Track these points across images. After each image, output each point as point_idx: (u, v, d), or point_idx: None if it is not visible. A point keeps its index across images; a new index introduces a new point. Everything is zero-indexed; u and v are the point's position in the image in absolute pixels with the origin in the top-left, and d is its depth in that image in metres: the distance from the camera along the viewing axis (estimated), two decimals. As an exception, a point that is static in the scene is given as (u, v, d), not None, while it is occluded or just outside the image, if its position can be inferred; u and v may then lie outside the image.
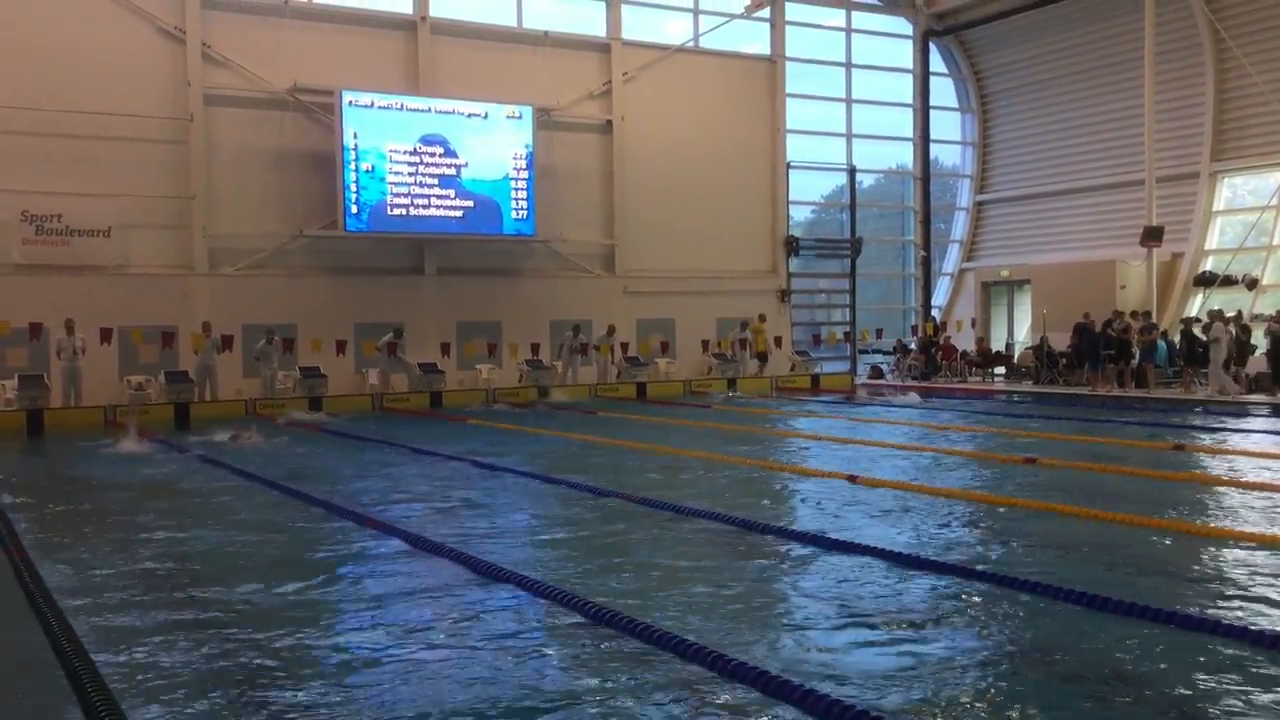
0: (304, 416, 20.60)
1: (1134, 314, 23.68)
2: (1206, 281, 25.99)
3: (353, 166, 22.78)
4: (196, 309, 21.78)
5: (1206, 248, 26.58)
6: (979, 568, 7.57)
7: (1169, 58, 26.08)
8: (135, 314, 21.14)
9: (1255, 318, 23.10)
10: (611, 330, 25.27)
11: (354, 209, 22.83)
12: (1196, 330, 22.56)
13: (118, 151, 21.28)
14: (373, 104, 23.01)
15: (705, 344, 26.89)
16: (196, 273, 22.18)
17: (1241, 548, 8.15)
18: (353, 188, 22.78)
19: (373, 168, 23.00)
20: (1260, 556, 7.85)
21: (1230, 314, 21.99)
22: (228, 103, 22.42)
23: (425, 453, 14.79)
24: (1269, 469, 12.16)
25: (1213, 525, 9.06)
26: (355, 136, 22.76)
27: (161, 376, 21.16)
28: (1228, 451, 13.94)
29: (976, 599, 6.93)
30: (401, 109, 23.34)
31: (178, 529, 9.67)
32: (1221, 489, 10.95)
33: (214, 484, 12.45)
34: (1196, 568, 7.70)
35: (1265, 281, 25.22)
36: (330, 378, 22.41)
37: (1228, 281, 25.55)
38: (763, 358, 27.38)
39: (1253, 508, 9.79)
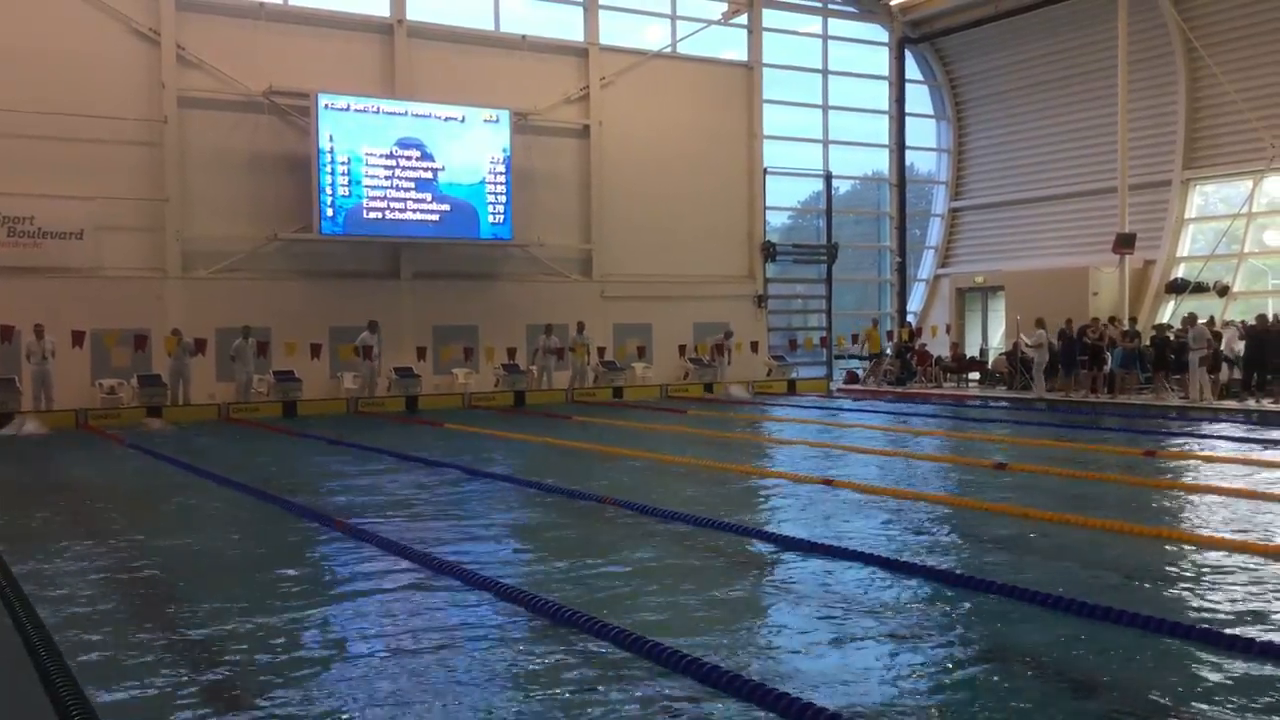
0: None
1: (1120, 319, 23.93)
2: (1178, 288, 26.23)
3: (328, 169, 22.68)
4: (170, 312, 21.64)
5: (1178, 255, 26.81)
6: (950, 571, 7.60)
7: (1142, 66, 26.34)
8: (108, 317, 20.98)
9: (1226, 324, 23.34)
10: (581, 328, 25.16)
11: (329, 212, 22.73)
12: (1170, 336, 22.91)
13: (91, 153, 21.11)
14: (349, 107, 22.93)
15: (682, 348, 26.93)
16: (170, 276, 22.02)
17: (1212, 553, 8.21)
18: (328, 191, 22.68)
19: (349, 171, 22.91)
20: (1233, 561, 7.92)
21: (1203, 320, 22.26)
22: (202, 105, 22.29)
23: (386, 453, 14.77)
24: (1238, 475, 12.27)
25: (1183, 530, 9.14)
26: (331, 139, 22.67)
27: (134, 380, 21.02)
28: (1198, 457, 14.08)
29: (948, 602, 6.96)
30: (378, 112, 23.26)
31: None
32: (1192, 495, 11.03)
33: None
34: (1166, 572, 7.76)
35: (1236, 288, 25.47)
36: (305, 382, 22.31)
37: (1199, 288, 25.79)
38: (876, 358, 28.65)
39: (1222, 513, 9.88)
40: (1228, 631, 6.06)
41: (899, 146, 31.53)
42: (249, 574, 8.03)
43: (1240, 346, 21.99)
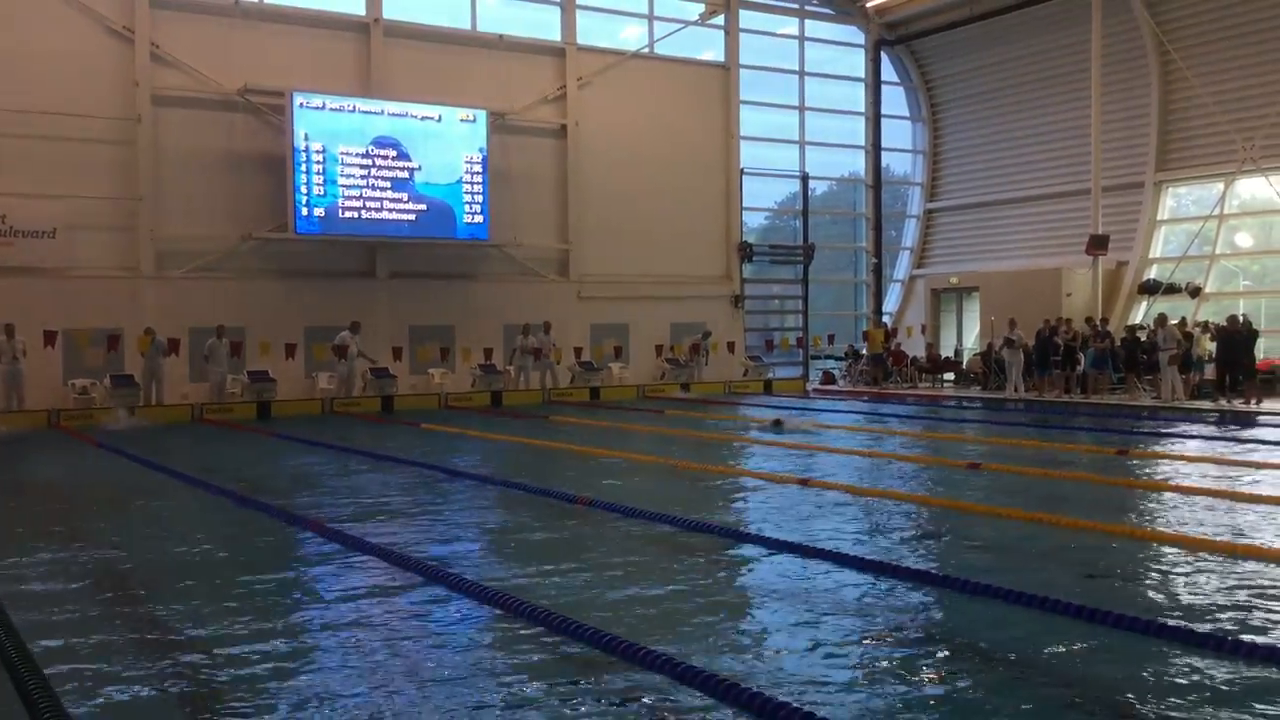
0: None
1: (1088, 320, 24.27)
2: (1151, 289, 26.46)
3: (304, 169, 22.57)
4: (143, 312, 21.48)
5: (1151, 256, 27.06)
6: (924, 570, 7.65)
7: (1115, 70, 26.56)
8: (80, 317, 20.83)
9: (1198, 325, 23.56)
10: (547, 328, 24.93)
11: (304, 211, 22.62)
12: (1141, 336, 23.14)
13: (63, 152, 20.93)
14: (324, 106, 22.83)
15: (659, 349, 26.95)
16: (143, 275, 21.86)
17: (1183, 551, 8.29)
18: (303, 190, 22.57)
19: (324, 170, 22.81)
20: (1203, 559, 8.00)
21: (1174, 321, 22.50)
22: (177, 103, 22.15)
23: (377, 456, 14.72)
24: (1209, 475, 12.39)
25: (1153, 529, 9.23)
26: (306, 138, 22.56)
27: (107, 380, 20.86)
28: (1170, 457, 14.21)
29: (921, 601, 7.01)
30: (354, 111, 23.17)
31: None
32: (1163, 494, 11.13)
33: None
34: (1137, 570, 7.83)
35: (1208, 290, 25.71)
36: (279, 382, 22.21)
37: (1171, 289, 26.01)
38: (877, 359, 28.13)
39: (1193, 512, 9.97)
40: (1198, 629, 6.13)
41: (875, 148, 31.68)
42: (223, 577, 7.97)
43: (1212, 347, 22.23)
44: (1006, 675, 5.61)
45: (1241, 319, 21.76)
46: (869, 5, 30.65)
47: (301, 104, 22.51)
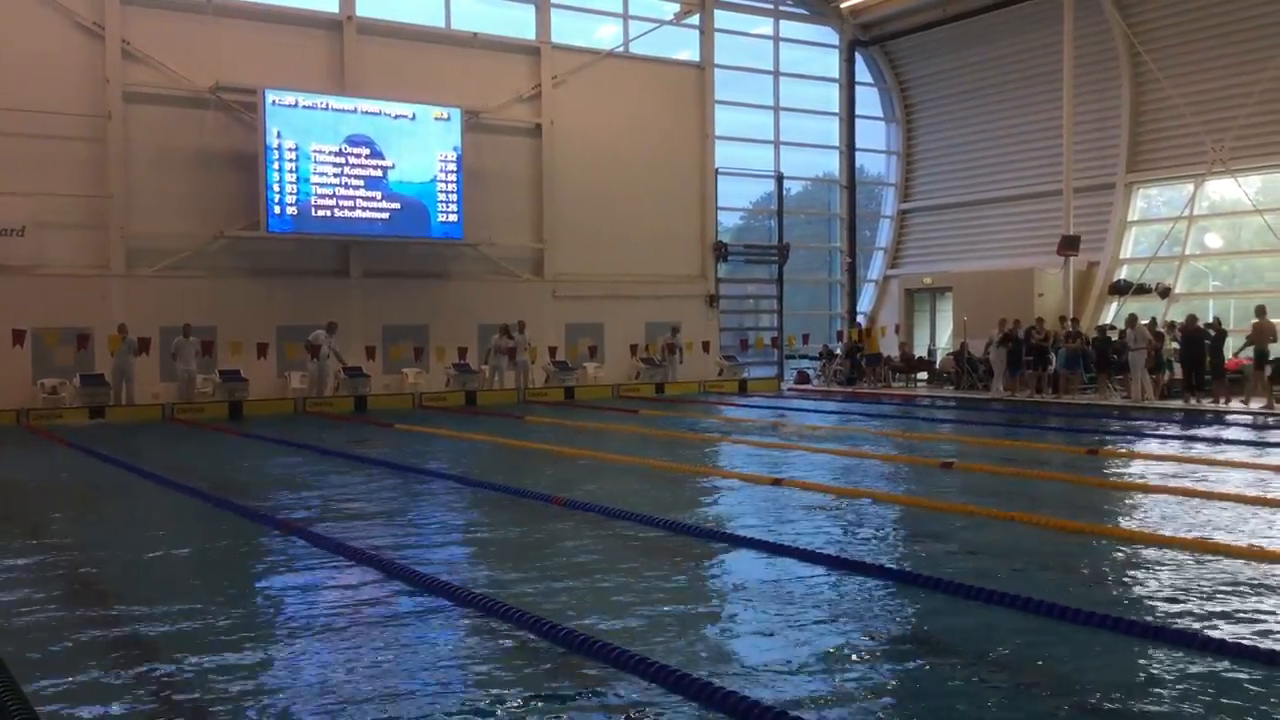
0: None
1: (1061, 319, 24.45)
2: (1121, 290, 26.65)
3: (276, 166, 22.43)
4: (113, 310, 21.29)
5: (1121, 257, 27.25)
6: (897, 568, 7.68)
7: (1087, 71, 26.74)
8: (50, 315, 20.63)
9: (1169, 325, 23.75)
10: (522, 327, 24.78)
11: (277, 210, 22.48)
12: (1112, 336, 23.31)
13: (33, 149, 20.73)
14: (297, 103, 22.69)
15: (634, 348, 26.95)
16: (114, 274, 21.67)
17: (1150, 549, 8.36)
18: (276, 188, 22.43)
19: (297, 168, 22.67)
20: (1170, 557, 8.07)
21: (1144, 321, 22.67)
22: (148, 100, 21.96)
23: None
24: (1177, 473, 12.49)
25: (1122, 527, 9.30)
26: (279, 136, 22.42)
27: (77, 379, 20.68)
28: (1139, 456, 14.32)
29: (894, 599, 7.04)
30: (327, 109, 23.05)
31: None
32: (1132, 492, 11.22)
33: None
34: (1105, 568, 7.89)
35: (1177, 290, 25.92)
36: (251, 381, 22.07)
37: (1141, 290, 26.22)
38: (875, 359, 27.98)
39: (1160, 510, 10.06)
40: (1168, 626, 6.17)
41: (849, 148, 31.78)
42: (191, 578, 7.92)
43: (1176, 347, 22.41)
44: (980, 671, 5.63)
45: (1213, 319, 21.95)
46: (843, 6, 30.73)
47: (274, 101, 22.36)
